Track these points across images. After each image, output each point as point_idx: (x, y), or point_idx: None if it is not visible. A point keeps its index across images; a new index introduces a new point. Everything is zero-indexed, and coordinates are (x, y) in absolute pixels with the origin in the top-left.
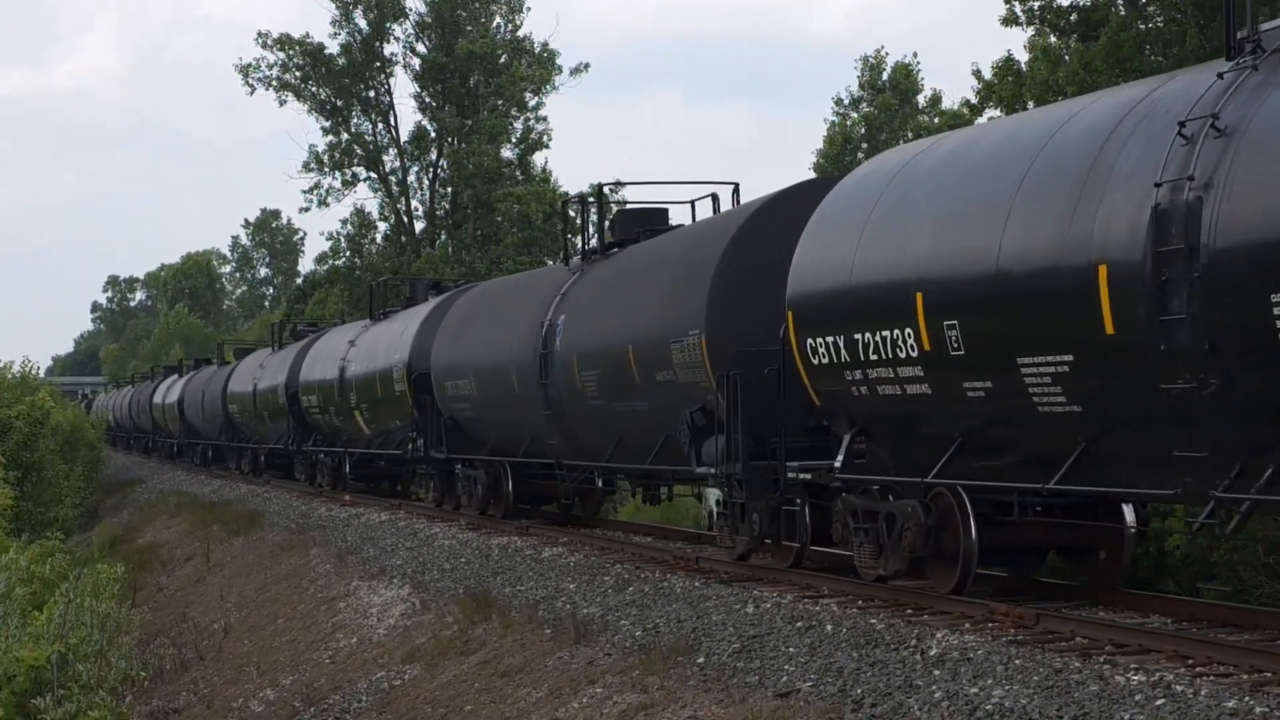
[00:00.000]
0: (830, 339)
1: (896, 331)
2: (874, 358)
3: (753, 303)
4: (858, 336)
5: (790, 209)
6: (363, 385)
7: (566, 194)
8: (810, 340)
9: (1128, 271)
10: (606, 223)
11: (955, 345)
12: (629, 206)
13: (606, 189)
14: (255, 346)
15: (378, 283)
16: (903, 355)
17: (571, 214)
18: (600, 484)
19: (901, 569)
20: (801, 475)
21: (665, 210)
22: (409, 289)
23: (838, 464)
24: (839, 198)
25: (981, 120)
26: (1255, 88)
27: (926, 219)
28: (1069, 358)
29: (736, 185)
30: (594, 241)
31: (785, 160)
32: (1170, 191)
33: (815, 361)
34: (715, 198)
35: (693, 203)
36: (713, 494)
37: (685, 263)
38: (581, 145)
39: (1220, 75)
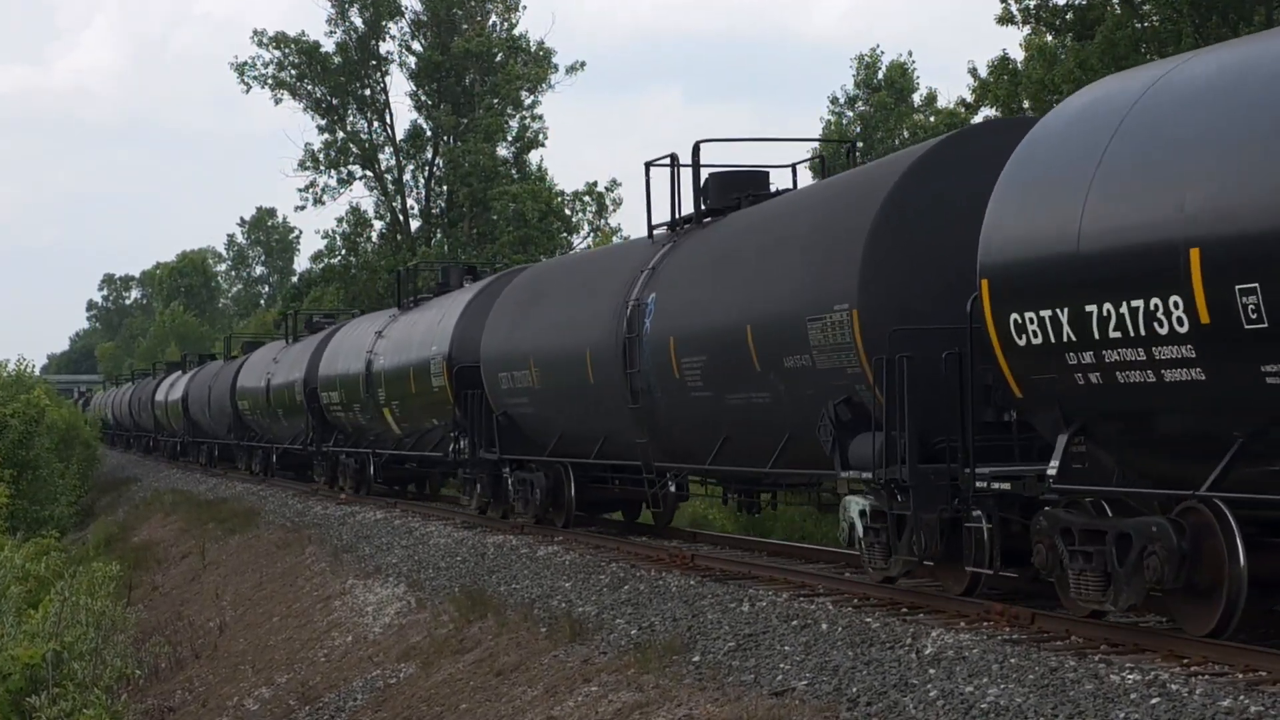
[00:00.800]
0: (1046, 314)
1: (1156, 301)
2: (1114, 336)
3: (916, 273)
4: (1090, 309)
5: (965, 156)
6: (393, 380)
7: (563, 192)
8: (1015, 316)
9: None
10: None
11: (1253, 315)
12: (720, 170)
13: (702, 149)
14: (264, 340)
15: (407, 268)
16: (1163, 332)
17: (649, 180)
18: (674, 489)
19: (1136, 603)
20: (995, 484)
21: (765, 173)
22: (441, 275)
23: (1053, 470)
24: (1048, 139)
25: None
26: None
27: (1204, 150)
28: None
29: (853, 144)
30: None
31: (786, 158)
32: None
33: (1021, 342)
34: (823, 160)
35: (794, 166)
36: (856, 503)
37: (825, 226)
38: (582, 144)
39: None
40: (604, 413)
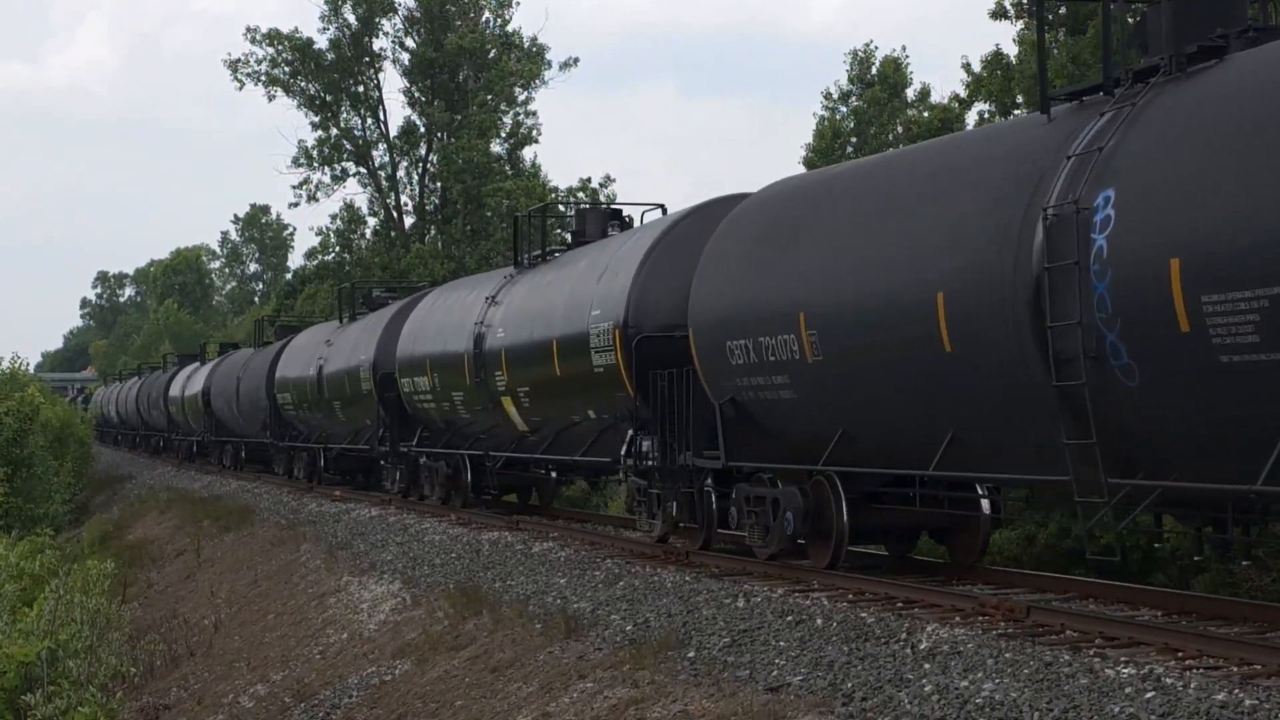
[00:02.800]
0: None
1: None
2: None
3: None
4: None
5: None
6: (521, 360)
7: (556, 189)
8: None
9: None
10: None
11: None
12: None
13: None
14: (301, 326)
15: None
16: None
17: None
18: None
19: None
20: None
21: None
22: (576, 220)
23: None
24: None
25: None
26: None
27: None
28: None
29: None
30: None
31: (782, 153)
32: None
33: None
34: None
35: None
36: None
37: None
38: (576, 140)
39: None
40: (969, 397)
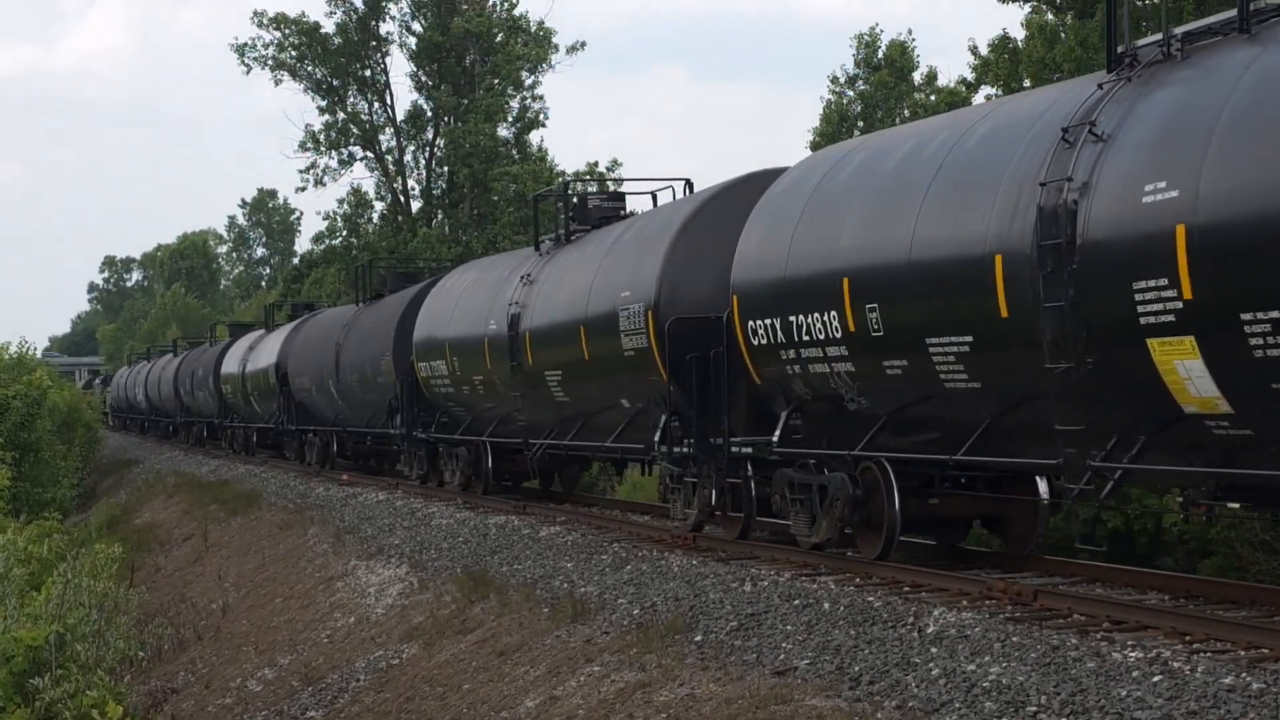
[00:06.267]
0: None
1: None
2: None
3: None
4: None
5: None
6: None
7: (564, 173)
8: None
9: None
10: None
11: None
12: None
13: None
14: (423, 273)
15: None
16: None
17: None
18: None
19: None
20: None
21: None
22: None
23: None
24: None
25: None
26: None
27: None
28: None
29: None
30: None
31: (789, 137)
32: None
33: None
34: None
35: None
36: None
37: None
38: (585, 124)
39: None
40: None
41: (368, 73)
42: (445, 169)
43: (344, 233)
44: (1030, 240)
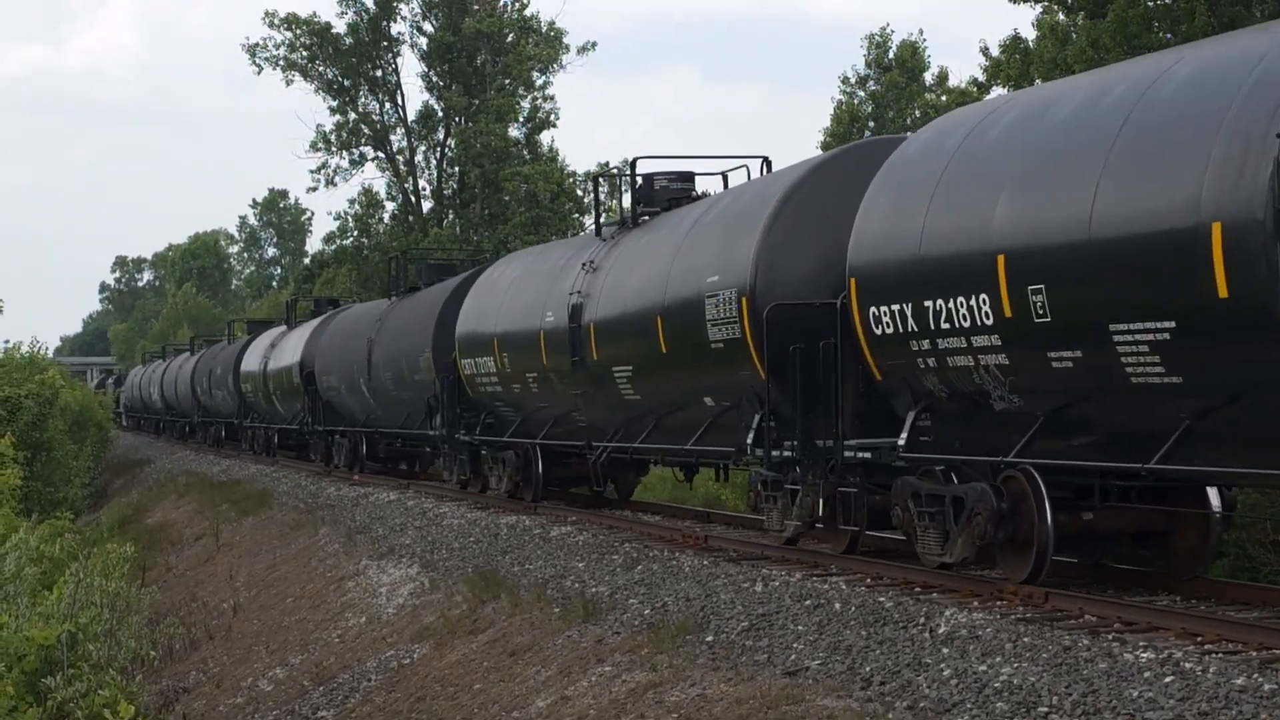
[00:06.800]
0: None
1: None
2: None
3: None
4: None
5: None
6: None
7: (574, 173)
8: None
9: None
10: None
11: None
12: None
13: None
14: (461, 265)
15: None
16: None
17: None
18: None
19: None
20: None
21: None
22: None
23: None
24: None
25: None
26: None
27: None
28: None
29: (765, 160)
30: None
31: (802, 137)
32: None
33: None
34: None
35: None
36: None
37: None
38: (595, 124)
39: None
40: None
41: (379, 73)
42: (456, 169)
43: (355, 233)
44: (1264, 203)
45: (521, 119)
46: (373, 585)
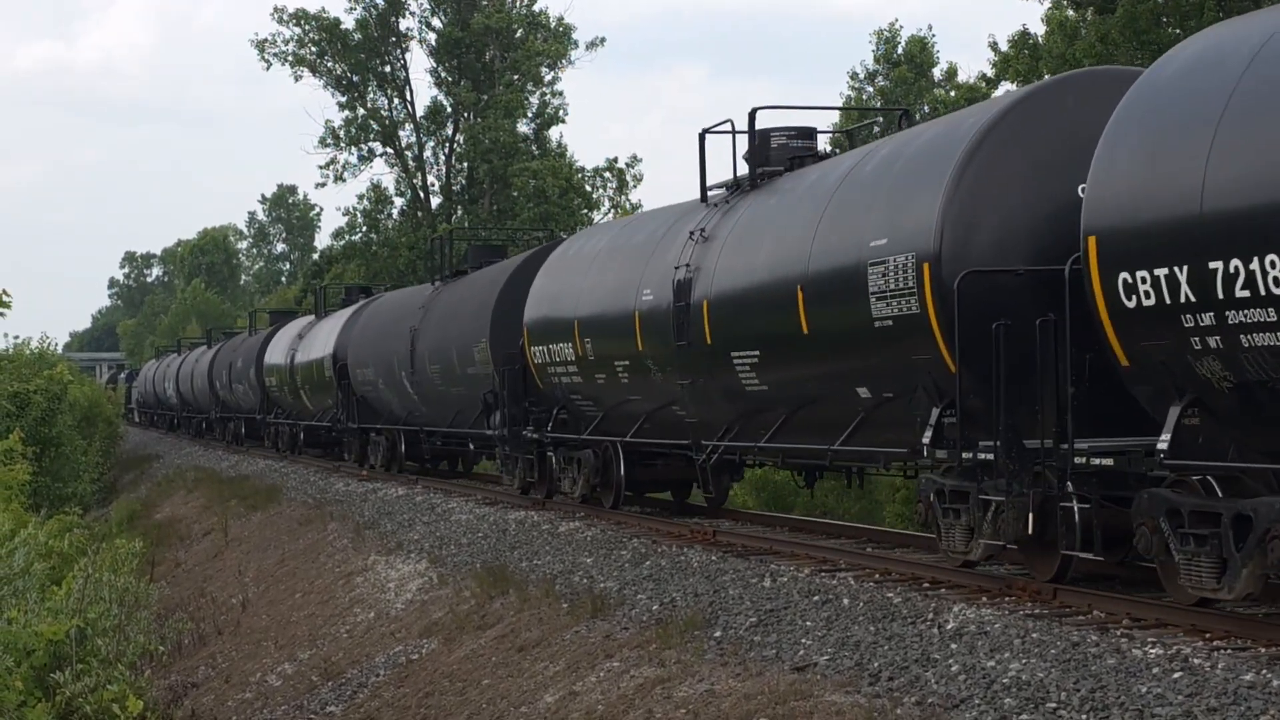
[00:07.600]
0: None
1: None
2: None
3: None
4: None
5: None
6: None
7: (583, 169)
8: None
9: None
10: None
11: None
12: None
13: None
14: (512, 247)
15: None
16: None
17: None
18: None
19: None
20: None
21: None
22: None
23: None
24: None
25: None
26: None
27: None
28: None
29: (904, 111)
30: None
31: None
32: None
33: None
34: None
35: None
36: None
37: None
38: (604, 120)
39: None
40: None
41: (387, 69)
42: (465, 165)
43: (364, 228)
44: None
45: (530, 115)
46: (381, 580)
